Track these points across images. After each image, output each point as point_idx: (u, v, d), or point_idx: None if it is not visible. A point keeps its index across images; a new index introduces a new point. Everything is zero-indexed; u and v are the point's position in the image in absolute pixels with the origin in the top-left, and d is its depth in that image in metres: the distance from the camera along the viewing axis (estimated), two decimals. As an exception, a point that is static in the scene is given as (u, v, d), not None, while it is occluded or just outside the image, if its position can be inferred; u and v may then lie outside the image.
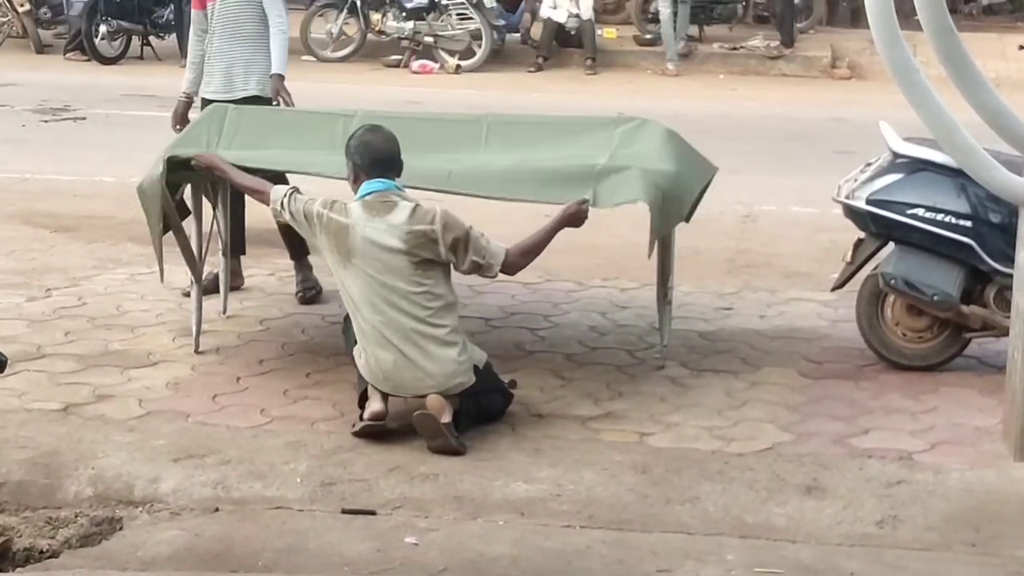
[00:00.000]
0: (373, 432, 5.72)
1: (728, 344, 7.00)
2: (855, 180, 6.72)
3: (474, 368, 5.81)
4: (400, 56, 17.52)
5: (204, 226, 6.93)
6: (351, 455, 5.59)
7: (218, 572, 4.74)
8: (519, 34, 18.12)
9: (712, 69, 17.52)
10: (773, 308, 7.64)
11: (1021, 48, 17.84)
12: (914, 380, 6.50)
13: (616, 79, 16.93)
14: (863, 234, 6.79)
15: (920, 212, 6.48)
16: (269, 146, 6.52)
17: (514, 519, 5.15)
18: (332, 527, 5.06)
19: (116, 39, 17.77)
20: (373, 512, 5.18)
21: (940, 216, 6.46)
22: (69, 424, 5.88)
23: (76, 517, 5.15)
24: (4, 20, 18.33)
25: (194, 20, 7.93)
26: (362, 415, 5.77)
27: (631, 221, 6.27)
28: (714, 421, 6.00)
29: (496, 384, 6.00)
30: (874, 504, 5.24)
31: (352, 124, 6.53)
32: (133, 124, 12.86)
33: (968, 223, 6.43)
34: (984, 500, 5.29)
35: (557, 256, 7.97)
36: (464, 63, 17.27)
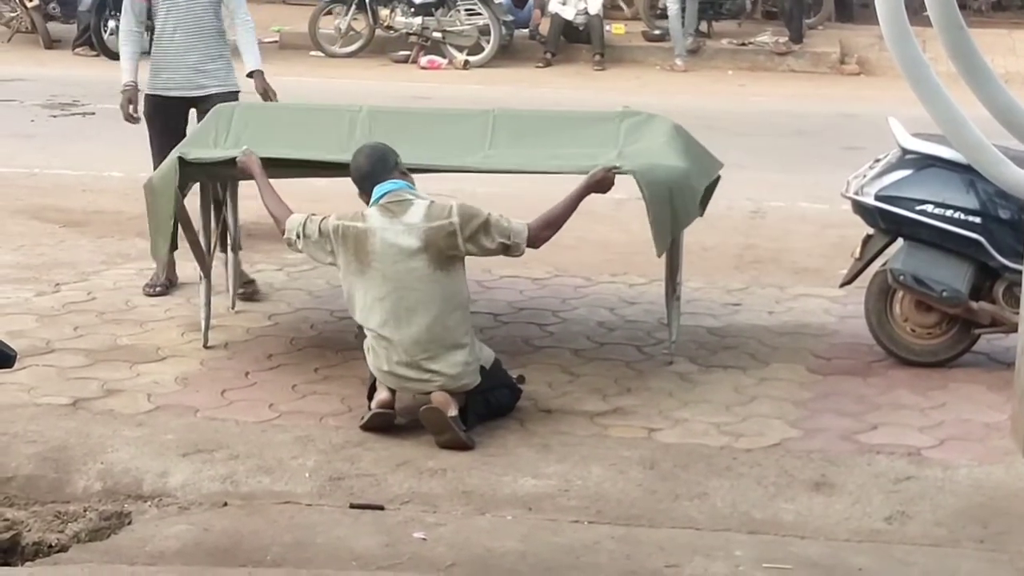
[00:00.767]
0: (381, 422, 5.72)
1: (736, 340, 7.00)
2: (864, 176, 6.71)
3: (480, 368, 5.81)
4: (408, 52, 17.50)
5: (211, 222, 6.94)
6: (359, 450, 5.60)
7: (226, 567, 4.75)
8: (527, 30, 18.11)
9: (720, 65, 17.47)
10: (782, 304, 7.63)
11: (1031, 44, 17.80)
12: (923, 376, 6.50)
13: (624, 75, 16.90)
14: (872, 230, 6.79)
15: (929, 208, 6.48)
16: (277, 142, 6.53)
17: (522, 514, 5.15)
18: (340, 522, 5.06)
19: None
20: (381, 507, 5.18)
21: (949, 212, 6.45)
22: (78, 419, 5.89)
23: (85, 511, 5.16)
24: (13, 15, 18.32)
25: (134, 11, 7.69)
26: (370, 406, 5.78)
27: (640, 217, 6.25)
28: (722, 417, 5.99)
29: (504, 380, 6.00)
30: (882, 500, 5.24)
31: (359, 119, 6.61)
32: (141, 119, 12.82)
33: (977, 219, 6.43)
34: (993, 496, 5.29)
35: (566, 252, 8.00)
36: (472, 59, 17.24)
